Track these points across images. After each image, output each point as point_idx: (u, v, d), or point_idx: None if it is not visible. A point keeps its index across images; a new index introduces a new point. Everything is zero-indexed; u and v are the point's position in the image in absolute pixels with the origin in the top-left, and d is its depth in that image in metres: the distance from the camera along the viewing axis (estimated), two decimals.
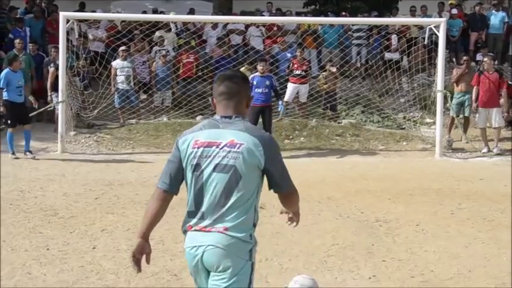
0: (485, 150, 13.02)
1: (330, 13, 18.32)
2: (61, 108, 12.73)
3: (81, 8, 17.99)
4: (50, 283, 5.57)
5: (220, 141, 3.37)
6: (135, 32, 16.21)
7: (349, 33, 17.20)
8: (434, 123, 13.53)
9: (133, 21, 16.19)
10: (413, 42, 16.29)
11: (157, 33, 16.61)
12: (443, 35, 12.93)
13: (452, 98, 13.80)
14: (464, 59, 14.34)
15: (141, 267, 3.52)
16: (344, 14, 17.88)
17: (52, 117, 13.84)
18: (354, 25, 17.19)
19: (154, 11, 18.43)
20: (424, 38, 14.83)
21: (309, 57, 16.27)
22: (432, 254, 6.51)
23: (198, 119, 14.04)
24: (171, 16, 16.91)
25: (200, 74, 15.84)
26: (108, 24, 17.05)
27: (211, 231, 3.33)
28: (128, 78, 14.50)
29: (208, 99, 10.92)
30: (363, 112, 15.55)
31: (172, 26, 17.42)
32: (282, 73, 15.80)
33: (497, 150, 12.96)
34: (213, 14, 19.02)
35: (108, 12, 17.90)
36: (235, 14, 18.81)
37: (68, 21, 12.92)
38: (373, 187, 9.58)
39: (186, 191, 3.48)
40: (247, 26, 17.32)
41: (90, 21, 16.16)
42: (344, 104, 15.80)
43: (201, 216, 3.37)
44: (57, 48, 13.16)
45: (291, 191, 3.49)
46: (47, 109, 13.76)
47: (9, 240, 6.72)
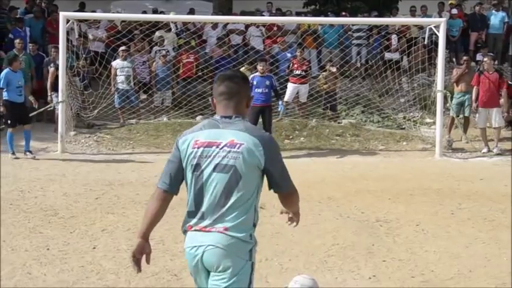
0: (485, 150, 13.02)
1: (330, 13, 18.32)
2: (61, 108, 12.73)
3: (81, 8, 18.00)
4: (50, 283, 5.57)
5: (220, 141, 3.36)
6: (135, 32, 16.21)
7: (349, 33, 17.20)
8: (434, 123, 13.53)
9: (134, 21, 16.19)
10: (413, 42, 16.29)
11: (157, 33, 16.61)
12: (443, 35, 12.93)
13: (452, 98, 13.80)
14: (464, 59, 14.35)
15: (141, 267, 3.52)
16: (344, 14, 17.88)
17: (52, 117, 13.84)
18: (354, 25, 17.19)
19: (154, 11, 18.44)
20: (424, 38, 14.82)
21: (309, 57, 16.27)
22: (432, 254, 6.51)
23: (198, 119, 14.04)
24: (171, 16, 16.91)
25: (200, 74, 15.84)
26: (108, 24, 17.05)
27: (211, 231, 3.32)
28: (128, 78, 14.51)
29: (208, 99, 10.92)
30: (363, 112, 15.55)
31: (172, 26, 17.42)
32: (282, 73, 15.80)
33: (497, 150, 12.96)
34: (213, 14, 19.02)
35: (108, 12, 17.90)
36: (235, 14, 18.81)
37: (68, 21, 12.92)
38: (373, 187, 9.58)
39: (186, 191, 3.47)
40: (247, 26, 17.32)
41: (90, 21, 16.16)
42: (344, 104, 15.80)
43: (201, 216, 3.37)
44: (57, 48, 13.16)
45: (291, 191, 3.48)
46: (47, 109, 13.76)
47: (9, 240, 6.72)
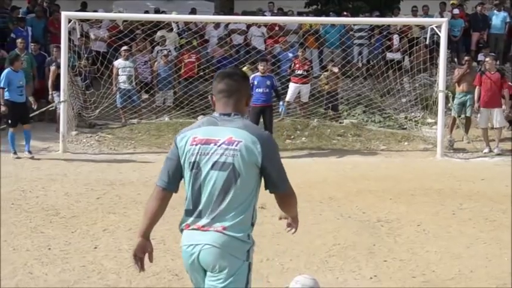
0: (486, 151, 13.01)
1: (331, 13, 18.34)
2: (63, 107, 12.73)
3: (83, 8, 18.04)
4: (52, 283, 5.58)
5: (218, 138, 3.33)
6: (137, 32, 16.24)
7: (351, 33, 17.21)
8: (436, 124, 13.52)
9: (135, 21, 16.22)
10: (415, 42, 16.25)
11: (159, 33, 16.63)
12: (445, 35, 12.92)
13: (453, 98, 13.80)
14: (466, 59, 14.35)
15: (144, 266, 3.51)
16: (346, 14, 17.89)
17: (54, 117, 13.86)
18: (355, 25, 17.20)
19: (156, 11, 18.46)
20: (425, 38, 14.80)
21: (310, 57, 16.29)
22: (433, 254, 6.51)
23: (200, 118, 14.05)
24: (173, 16, 16.93)
25: (202, 73, 15.85)
26: (110, 24, 17.05)
27: (209, 231, 3.30)
28: (130, 78, 14.53)
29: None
30: (364, 112, 15.54)
31: (174, 26, 17.44)
32: (284, 73, 15.82)
33: (498, 151, 12.95)
34: (214, 13, 19.03)
35: (109, 12, 17.93)
36: (236, 14, 18.82)
37: (70, 20, 12.92)
38: (374, 187, 9.57)
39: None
40: (248, 26, 17.33)
41: (92, 21, 16.18)
42: (345, 104, 15.79)
43: (199, 214, 3.34)
44: (59, 47, 13.15)
45: (288, 193, 3.44)
46: (48, 109, 13.78)
47: (10, 239, 6.73)
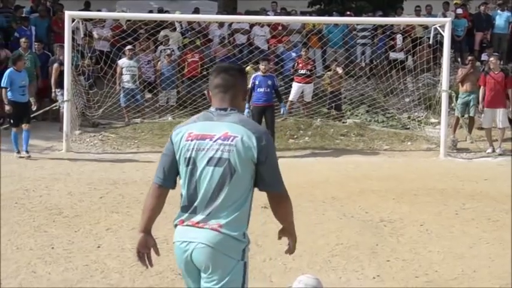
0: (489, 151, 12.99)
1: (334, 12, 18.30)
2: (66, 107, 12.75)
3: (87, 7, 18.06)
4: (55, 282, 5.59)
5: (214, 133, 3.29)
6: (140, 31, 16.25)
7: (354, 32, 17.18)
8: (439, 123, 13.49)
9: (139, 21, 16.25)
10: (418, 42, 16.24)
11: (162, 33, 16.64)
12: (448, 34, 12.90)
13: (457, 98, 13.78)
14: (469, 58, 14.32)
15: (152, 261, 3.49)
16: (349, 13, 17.86)
17: (57, 116, 13.88)
18: (358, 25, 17.18)
19: (160, 11, 18.47)
20: (429, 38, 14.76)
21: (313, 57, 16.27)
22: (436, 254, 6.50)
23: None
24: (176, 15, 16.93)
25: (205, 73, 15.83)
26: (113, 23, 17.07)
27: (203, 228, 3.24)
28: (134, 77, 14.55)
29: None
30: (367, 112, 15.52)
31: (177, 26, 17.44)
32: (287, 72, 15.81)
33: (500, 151, 12.92)
34: (217, 13, 19.03)
35: (113, 11, 17.92)
36: (239, 14, 18.81)
37: (73, 20, 12.94)
38: (377, 187, 9.56)
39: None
40: (251, 26, 17.33)
41: (96, 21, 16.17)
42: (349, 104, 15.79)
43: (194, 210, 3.28)
44: (63, 47, 13.18)
45: (282, 194, 3.35)
46: (52, 108, 13.81)
47: (14, 239, 6.74)
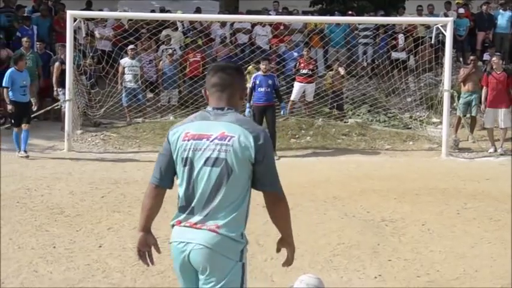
0: (491, 150, 12.97)
1: (336, 12, 18.32)
2: (68, 106, 12.76)
3: (88, 7, 18.06)
4: (56, 281, 5.59)
5: (210, 133, 3.26)
6: (142, 31, 16.25)
7: (356, 32, 17.18)
8: (441, 123, 13.48)
9: (140, 20, 16.24)
10: (420, 41, 16.24)
11: (164, 32, 16.65)
12: (450, 34, 12.88)
13: (459, 97, 13.76)
14: (471, 58, 14.30)
15: (153, 260, 3.49)
16: (350, 13, 17.86)
17: (59, 116, 13.88)
18: (360, 24, 17.17)
19: (161, 10, 18.48)
20: (431, 38, 14.74)
21: (315, 57, 16.26)
22: (438, 253, 6.50)
23: None
24: (178, 15, 16.93)
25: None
26: (115, 23, 17.08)
27: (201, 229, 3.21)
28: (136, 77, 14.55)
29: None
30: (369, 111, 15.51)
31: (179, 25, 17.44)
32: (289, 72, 15.80)
33: (501, 151, 12.90)
34: (219, 13, 19.03)
35: (115, 11, 17.93)
36: (241, 13, 18.81)
37: (75, 19, 12.93)
38: (379, 187, 9.56)
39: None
40: (253, 25, 17.32)
41: (97, 20, 16.18)
42: (350, 104, 15.78)
43: (191, 211, 3.26)
44: (65, 46, 13.17)
45: (278, 194, 3.30)
46: (54, 107, 13.82)
47: (15, 238, 6.75)
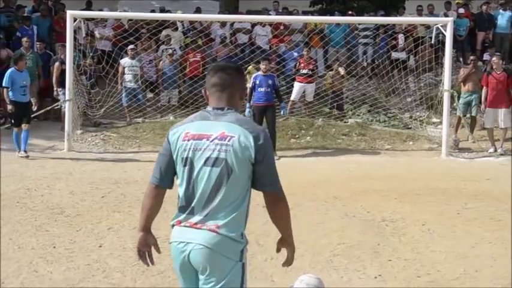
0: (492, 150, 12.97)
1: (336, 12, 18.32)
2: (68, 106, 12.75)
3: (88, 7, 18.06)
4: (57, 281, 5.59)
5: (210, 133, 3.26)
6: (142, 31, 16.25)
7: (356, 32, 17.18)
8: (441, 123, 13.47)
9: (140, 20, 16.24)
10: (420, 41, 16.24)
11: (164, 32, 16.64)
12: (450, 34, 12.88)
13: (459, 97, 13.76)
14: (471, 58, 14.30)
15: (153, 259, 3.49)
16: (350, 13, 17.86)
17: (59, 116, 13.88)
18: (360, 24, 17.17)
19: (161, 10, 18.47)
20: (431, 38, 14.74)
21: (315, 57, 16.26)
22: (438, 253, 6.50)
23: None
24: (178, 15, 16.92)
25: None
26: (115, 23, 17.08)
27: (201, 229, 3.21)
28: (136, 77, 14.55)
29: None
30: (369, 111, 15.51)
31: (179, 25, 17.44)
32: (289, 72, 15.80)
33: (501, 151, 12.89)
34: (219, 13, 19.02)
35: (115, 11, 17.93)
36: (241, 13, 18.80)
37: (75, 19, 12.93)
38: (379, 187, 9.55)
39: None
40: (253, 25, 17.31)
41: (97, 20, 16.18)
42: (350, 104, 15.78)
43: (191, 211, 3.26)
44: (65, 46, 13.16)
45: (278, 194, 3.30)
46: (54, 107, 13.81)
47: (16, 238, 6.74)
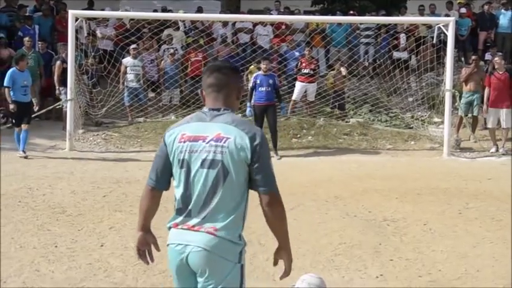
0: (493, 150, 12.95)
1: (338, 12, 18.32)
2: (69, 106, 12.76)
3: (90, 6, 18.07)
4: (58, 280, 5.60)
5: (206, 135, 3.23)
6: (144, 31, 16.25)
7: (357, 32, 17.17)
8: (443, 123, 13.48)
9: (142, 20, 16.23)
10: (421, 41, 16.22)
11: (166, 32, 16.64)
12: (452, 34, 12.86)
13: (460, 97, 13.75)
14: (473, 58, 14.28)
15: (153, 257, 3.49)
16: (352, 12, 17.86)
17: (60, 115, 13.89)
18: (362, 24, 17.16)
19: (163, 10, 18.48)
20: (432, 37, 14.73)
21: (317, 56, 16.25)
22: (440, 253, 6.50)
23: None
24: (180, 15, 16.91)
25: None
26: (116, 22, 17.07)
27: (199, 231, 3.19)
28: (138, 76, 14.57)
29: None
30: (370, 111, 15.50)
31: (180, 25, 17.44)
32: (290, 72, 15.80)
33: (503, 151, 12.88)
34: (221, 12, 19.03)
35: (116, 10, 17.93)
36: (243, 13, 18.80)
37: (77, 19, 12.92)
38: (380, 186, 9.56)
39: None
40: (254, 25, 17.30)
41: (99, 20, 16.20)
42: (352, 103, 15.76)
43: (188, 213, 3.24)
44: (66, 45, 13.16)
45: (274, 195, 3.24)
46: (55, 107, 13.83)
47: (17, 237, 6.75)
